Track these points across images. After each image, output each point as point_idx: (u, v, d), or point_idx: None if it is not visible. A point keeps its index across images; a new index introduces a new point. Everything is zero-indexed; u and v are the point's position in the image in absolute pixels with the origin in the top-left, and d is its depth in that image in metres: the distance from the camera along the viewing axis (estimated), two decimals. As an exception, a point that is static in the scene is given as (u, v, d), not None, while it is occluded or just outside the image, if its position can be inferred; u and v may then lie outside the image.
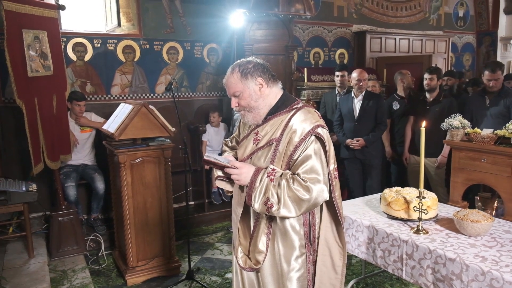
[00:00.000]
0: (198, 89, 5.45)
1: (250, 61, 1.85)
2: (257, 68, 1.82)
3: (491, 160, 3.08)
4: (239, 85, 1.81)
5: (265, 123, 1.85)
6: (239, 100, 1.84)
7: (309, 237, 1.85)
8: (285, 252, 1.85)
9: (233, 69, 1.85)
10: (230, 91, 1.86)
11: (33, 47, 3.57)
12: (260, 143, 1.83)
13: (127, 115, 3.39)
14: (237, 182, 1.81)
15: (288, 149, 1.75)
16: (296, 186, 1.68)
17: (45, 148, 3.73)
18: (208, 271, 3.75)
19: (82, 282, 3.51)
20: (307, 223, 1.85)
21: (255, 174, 1.75)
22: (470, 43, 8.34)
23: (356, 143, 4.39)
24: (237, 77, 1.81)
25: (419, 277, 2.23)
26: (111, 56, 4.88)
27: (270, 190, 1.70)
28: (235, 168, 1.79)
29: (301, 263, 1.85)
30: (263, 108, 1.84)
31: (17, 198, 3.62)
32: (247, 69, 1.81)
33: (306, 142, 1.72)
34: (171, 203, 3.66)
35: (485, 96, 4.00)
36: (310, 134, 1.73)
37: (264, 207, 1.72)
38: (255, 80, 1.81)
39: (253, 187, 1.74)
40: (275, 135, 1.79)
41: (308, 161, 1.71)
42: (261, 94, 1.82)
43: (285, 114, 1.81)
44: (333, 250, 1.91)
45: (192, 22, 5.26)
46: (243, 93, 1.81)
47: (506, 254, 2.07)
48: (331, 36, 6.52)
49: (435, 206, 2.56)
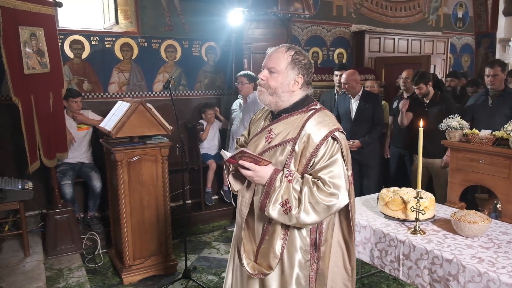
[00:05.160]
0: (196, 87, 5.43)
1: (306, 56, 1.79)
2: (307, 67, 1.77)
3: (489, 161, 3.07)
4: (282, 65, 1.73)
5: (279, 121, 1.79)
6: (269, 78, 1.76)
7: (314, 244, 1.79)
8: (291, 259, 1.79)
9: (288, 48, 1.76)
10: (269, 63, 1.77)
11: (30, 44, 3.55)
12: (272, 142, 1.76)
13: (124, 113, 3.37)
14: (253, 180, 1.71)
15: (307, 150, 1.68)
16: (318, 192, 1.62)
17: (41, 146, 3.71)
18: (205, 270, 3.75)
19: (78, 281, 3.50)
20: (314, 230, 1.78)
21: (275, 172, 1.67)
22: (469, 44, 8.35)
23: (352, 145, 4.38)
24: (287, 59, 1.74)
25: (416, 277, 2.23)
26: (108, 54, 4.86)
27: (291, 192, 1.64)
28: (267, 163, 1.69)
29: (305, 270, 1.80)
30: (285, 102, 1.78)
31: (13, 196, 3.59)
32: (298, 60, 1.75)
33: (327, 144, 1.67)
34: (168, 201, 3.65)
35: (488, 97, 3.97)
36: (330, 136, 1.67)
37: (281, 209, 1.64)
38: (298, 75, 1.75)
39: (272, 185, 1.65)
40: (292, 135, 1.72)
41: (333, 166, 1.65)
42: (291, 90, 1.76)
43: (302, 113, 1.76)
44: (345, 253, 1.88)
45: (191, 20, 5.24)
46: (278, 76, 1.74)
47: (503, 255, 2.07)
48: (330, 36, 6.51)
49: (433, 207, 2.56)
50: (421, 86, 4.22)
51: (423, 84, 4.21)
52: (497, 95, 3.90)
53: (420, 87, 4.23)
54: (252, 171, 1.67)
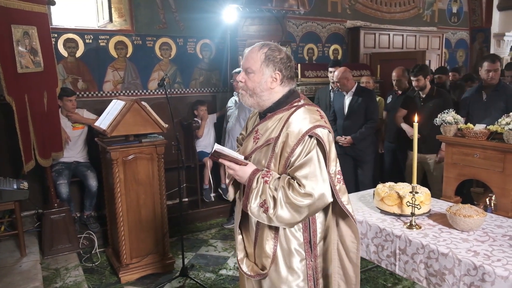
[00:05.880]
0: (191, 85, 5.42)
1: (281, 50, 1.74)
2: (283, 62, 1.72)
3: (483, 155, 3.09)
4: (256, 65, 1.71)
5: (265, 121, 1.77)
6: (247, 78, 1.74)
7: (309, 242, 1.78)
8: (285, 258, 1.78)
9: (261, 46, 1.73)
10: (245, 64, 1.75)
11: (23, 43, 3.52)
12: (259, 142, 1.75)
13: (119, 112, 3.36)
14: (237, 178, 1.74)
15: (285, 151, 1.66)
16: (292, 193, 1.60)
17: (36, 145, 3.68)
18: (202, 267, 3.75)
19: (75, 280, 3.49)
20: (307, 229, 1.77)
21: (254, 173, 1.68)
22: (463, 39, 8.37)
23: (344, 141, 4.39)
24: (260, 56, 1.70)
25: (412, 272, 2.24)
26: (103, 52, 4.83)
27: (267, 192, 1.63)
28: (245, 164, 1.70)
29: (301, 268, 1.78)
30: (266, 101, 1.76)
31: (8, 196, 3.57)
32: (273, 56, 1.70)
33: (303, 143, 1.63)
34: (165, 200, 3.64)
35: (482, 92, 3.98)
36: (307, 134, 1.64)
37: (260, 209, 1.65)
38: (274, 71, 1.71)
39: (250, 185, 1.67)
40: (273, 135, 1.70)
41: (306, 166, 1.63)
42: (270, 87, 1.73)
43: (284, 112, 1.72)
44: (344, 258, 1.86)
45: (185, 18, 5.22)
46: (254, 75, 1.72)
47: (498, 248, 2.08)
48: (325, 32, 6.50)
49: (428, 201, 2.56)
50: (420, 78, 4.25)
51: (422, 76, 4.24)
52: (491, 89, 3.91)
53: (418, 79, 4.25)
54: (233, 170, 1.71)
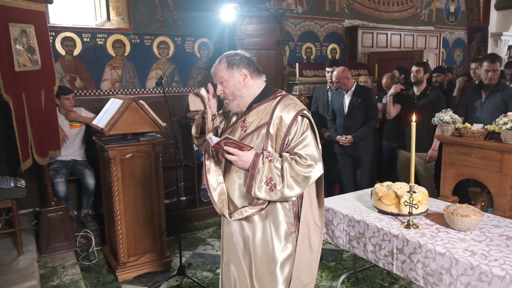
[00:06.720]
0: (189, 84, 5.41)
1: (238, 53, 1.99)
2: (243, 60, 1.96)
3: (481, 155, 3.10)
4: (225, 74, 1.94)
5: (251, 111, 1.98)
6: (224, 88, 1.97)
7: (297, 216, 1.99)
8: (276, 231, 1.95)
9: (220, 59, 1.98)
10: (216, 78, 1.99)
11: (20, 41, 3.51)
12: (248, 129, 1.95)
13: (117, 110, 3.35)
14: (237, 164, 1.88)
15: (281, 131, 1.87)
16: (298, 166, 1.81)
17: (33, 143, 3.68)
18: (200, 266, 3.75)
19: (72, 279, 3.48)
20: (296, 203, 1.98)
21: (257, 156, 1.85)
22: (461, 39, 8.39)
23: (345, 140, 4.39)
24: (224, 66, 1.94)
25: (410, 271, 2.25)
26: (100, 51, 4.82)
27: (273, 170, 1.82)
28: (250, 149, 1.85)
29: (291, 241, 1.97)
30: (247, 97, 1.97)
31: (5, 194, 3.56)
32: (233, 60, 1.94)
33: (297, 123, 1.86)
34: (162, 198, 3.64)
35: (481, 91, 3.97)
36: (299, 115, 1.87)
37: (267, 188, 1.82)
38: (240, 70, 1.94)
39: (256, 167, 1.83)
40: (264, 120, 1.92)
41: (305, 141, 1.85)
42: (244, 84, 1.95)
43: (271, 101, 1.96)
44: (312, 229, 2.02)
45: (183, 16, 5.21)
46: (228, 82, 1.94)
47: (495, 248, 2.09)
48: (323, 31, 6.50)
49: (426, 201, 2.57)
50: (420, 70, 4.30)
51: (422, 69, 4.28)
52: (490, 89, 3.91)
53: (419, 69, 4.30)
54: (236, 156, 1.84)
